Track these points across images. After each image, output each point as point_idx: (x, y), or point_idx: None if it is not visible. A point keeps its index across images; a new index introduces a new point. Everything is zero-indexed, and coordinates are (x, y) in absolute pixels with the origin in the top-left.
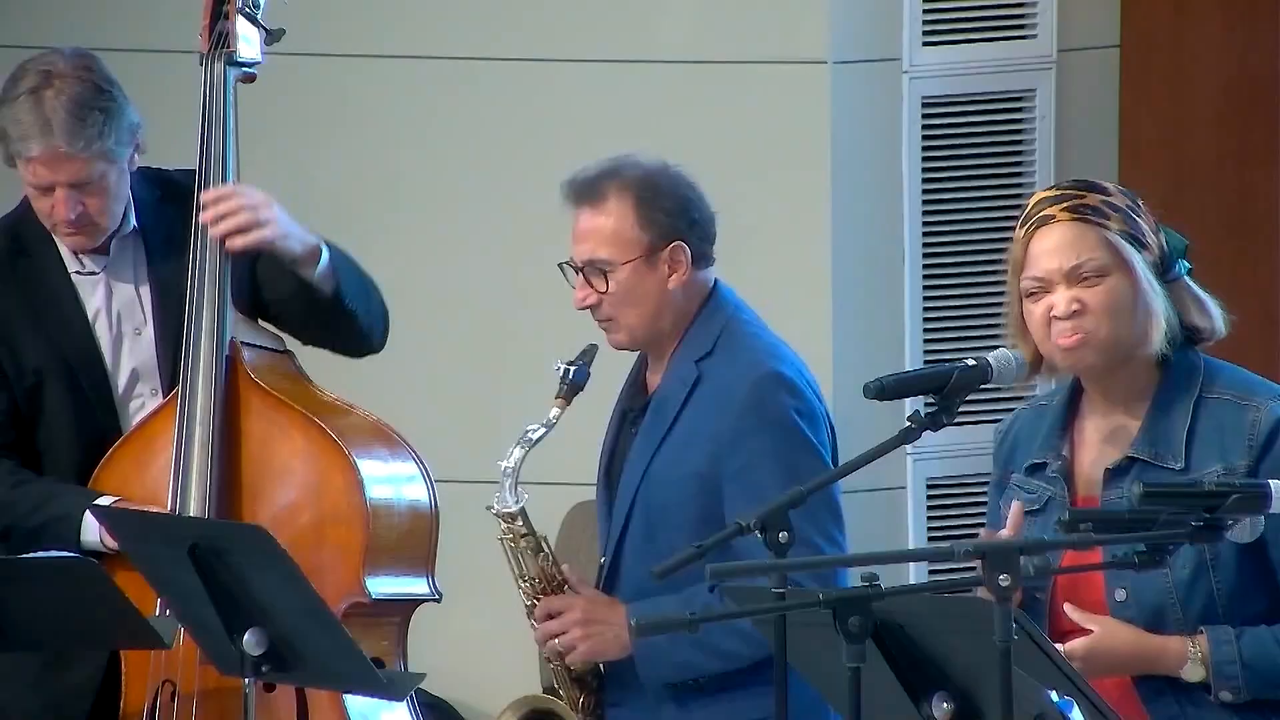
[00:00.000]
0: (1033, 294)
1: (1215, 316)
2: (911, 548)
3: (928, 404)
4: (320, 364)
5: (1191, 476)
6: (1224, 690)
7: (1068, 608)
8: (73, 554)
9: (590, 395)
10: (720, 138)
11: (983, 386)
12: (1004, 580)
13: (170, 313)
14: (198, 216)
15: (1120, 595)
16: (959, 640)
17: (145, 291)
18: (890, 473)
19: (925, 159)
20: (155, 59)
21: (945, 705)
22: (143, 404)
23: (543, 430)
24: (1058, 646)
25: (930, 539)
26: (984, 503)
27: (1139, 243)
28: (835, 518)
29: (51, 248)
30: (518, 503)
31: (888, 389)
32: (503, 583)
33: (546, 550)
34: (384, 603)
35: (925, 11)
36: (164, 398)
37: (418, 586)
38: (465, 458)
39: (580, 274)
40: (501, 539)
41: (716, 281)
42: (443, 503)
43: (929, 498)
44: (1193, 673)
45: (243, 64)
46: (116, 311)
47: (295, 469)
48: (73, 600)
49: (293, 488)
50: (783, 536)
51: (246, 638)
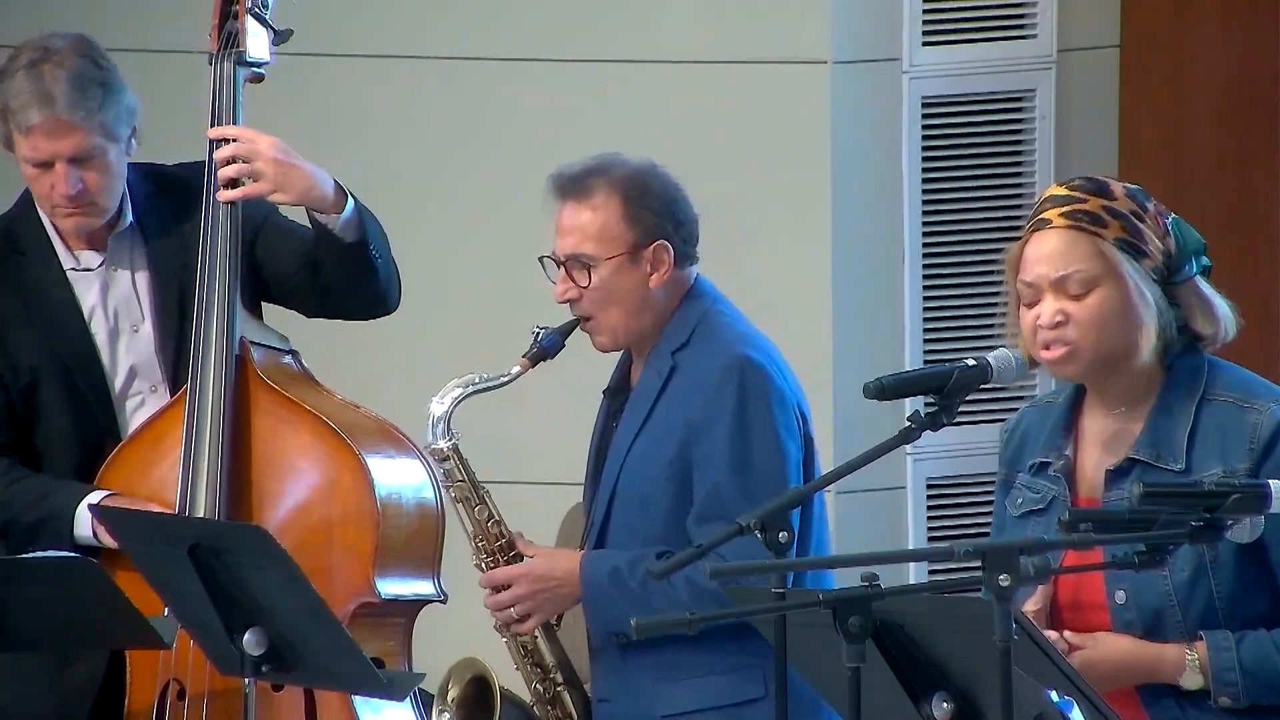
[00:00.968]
0: (1025, 298)
1: (1222, 320)
2: (911, 548)
3: (928, 404)
4: (322, 364)
5: (1192, 478)
6: (1224, 696)
7: (1066, 634)
8: (73, 554)
9: (592, 395)
10: (721, 137)
11: (983, 386)
12: (1004, 580)
13: (170, 308)
14: (206, 217)
15: (1120, 597)
16: (959, 640)
17: (143, 287)
18: (890, 473)
19: (925, 159)
20: (162, 59)
21: (945, 705)
22: (142, 401)
23: (491, 383)
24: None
25: (930, 539)
26: (985, 502)
27: (1137, 250)
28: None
29: (47, 245)
30: (449, 442)
31: (887, 389)
32: None
33: (488, 505)
34: (392, 603)
35: (925, 11)
36: (164, 394)
37: (424, 587)
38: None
39: (562, 268)
40: (445, 487)
41: (698, 277)
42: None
43: (929, 498)
44: (1191, 680)
45: (252, 64)
46: (113, 308)
47: (304, 469)
48: (73, 600)
49: (302, 488)
50: (782, 536)
51: (246, 638)
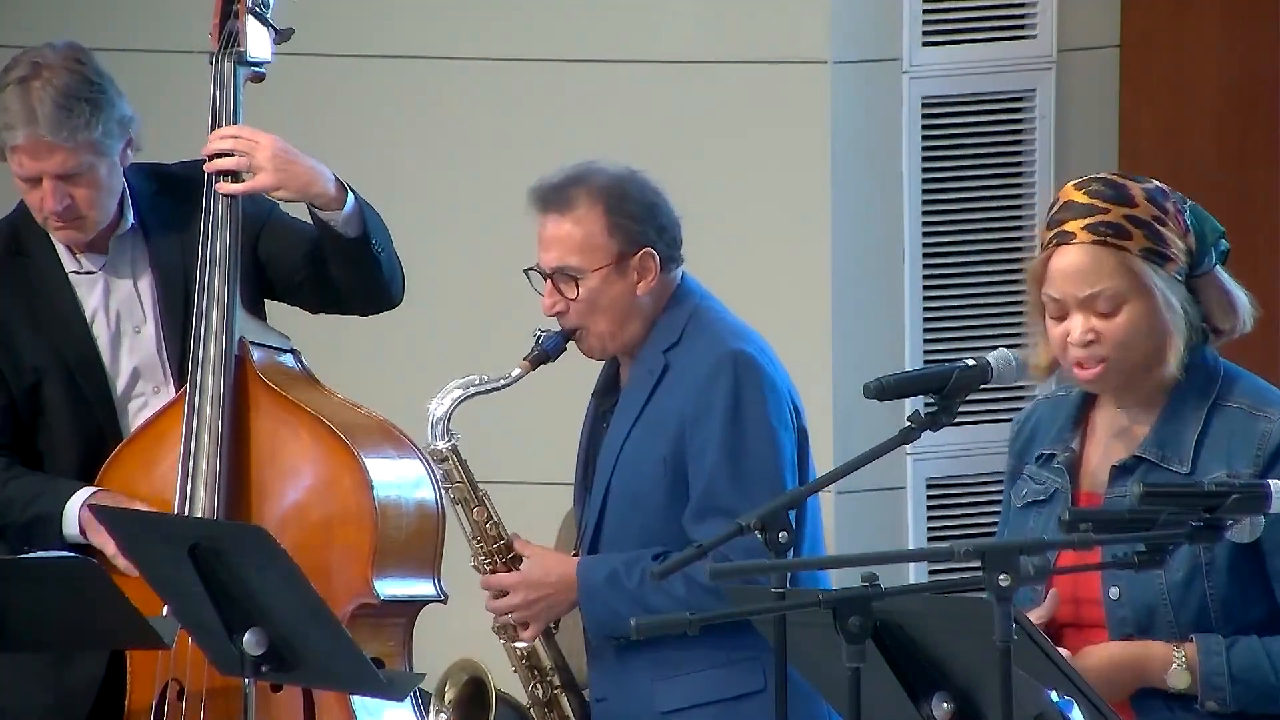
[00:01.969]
0: (1052, 311)
1: (1241, 311)
2: (911, 548)
3: (927, 404)
4: (324, 363)
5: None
6: (1211, 701)
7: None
8: (72, 555)
9: (584, 392)
10: (722, 137)
11: (982, 386)
12: (1004, 580)
13: (173, 307)
14: (205, 218)
15: (1115, 593)
16: (959, 640)
17: (145, 288)
18: (890, 472)
19: (925, 158)
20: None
21: (945, 705)
22: (145, 402)
23: (491, 385)
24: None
25: (930, 539)
26: (984, 502)
27: (1162, 256)
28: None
29: (50, 248)
30: (448, 443)
31: (887, 389)
32: None
33: (486, 506)
34: (391, 604)
35: (925, 12)
36: (167, 395)
37: (424, 587)
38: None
39: (549, 280)
40: (444, 488)
41: (684, 275)
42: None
43: (929, 497)
44: (1178, 679)
45: (252, 63)
46: (115, 310)
47: (303, 469)
48: (73, 601)
49: (301, 488)
50: (782, 536)
51: (246, 638)
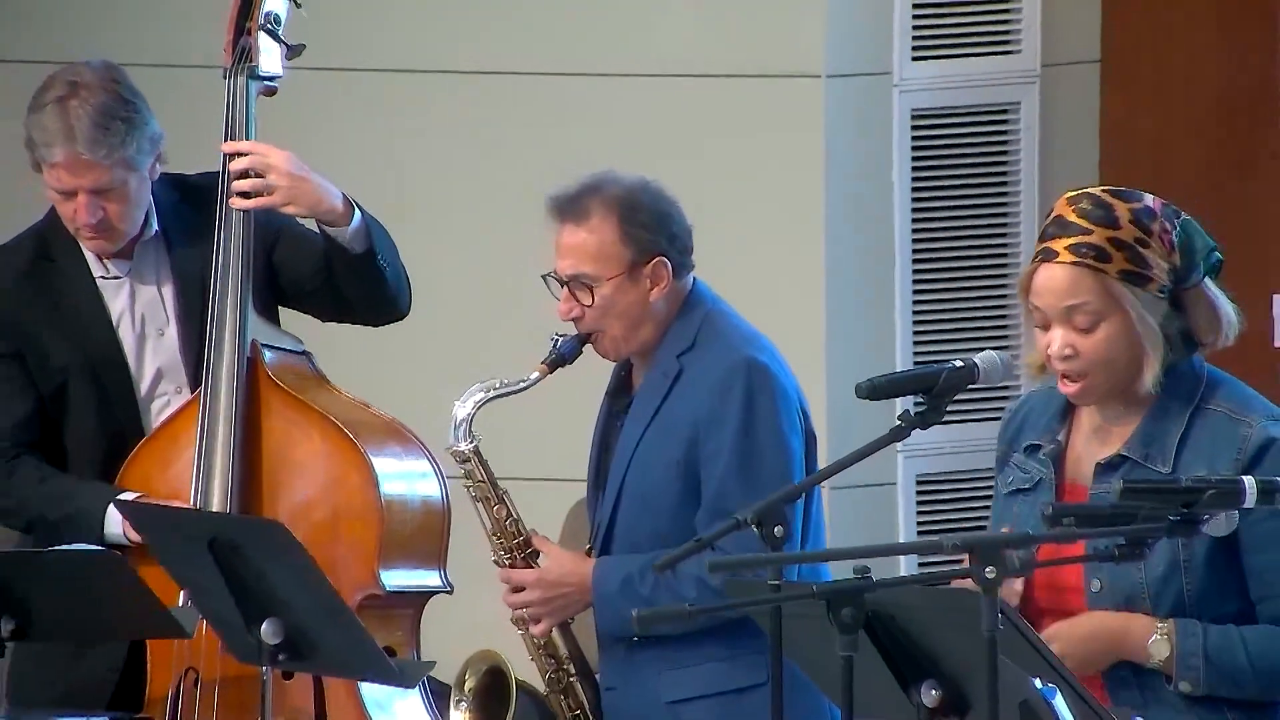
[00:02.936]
0: (1037, 321)
1: (1226, 325)
2: (902, 541)
3: (917, 403)
4: (336, 366)
5: None
6: (1184, 681)
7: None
8: (97, 548)
9: (596, 395)
10: (720, 147)
11: (970, 386)
12: (990, 573)
13: (193, 310)
14: (220, 226)
15: (1096, 586)
16: (947, 630)
17: (168, 292)
18: (881, 469)
19: (915, 168)
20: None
21: (934, 692)
22: (167, 401)
23: (511, 388)
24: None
25: (920, 533)
26: (973, 497)
27: (1141, 278)
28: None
29: (77, 254)
30: (470, 444)
31: (879, 389)
32: None
33: (506, 505)
34: (397, 595)
35: (915, 27)
36: (188, 394)
37: (430, 579)
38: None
39: (565, 287)
40: (465, 486)
41: (695, 281)
42: (454, 498)
43: (919, 493)
44: (1158, 648)
45: (264, 77)
46: (140, 314)
47: (312, 466)
48: (97, 592)
49: (310, 484)
50: (778, 530)
51: (264, 628)
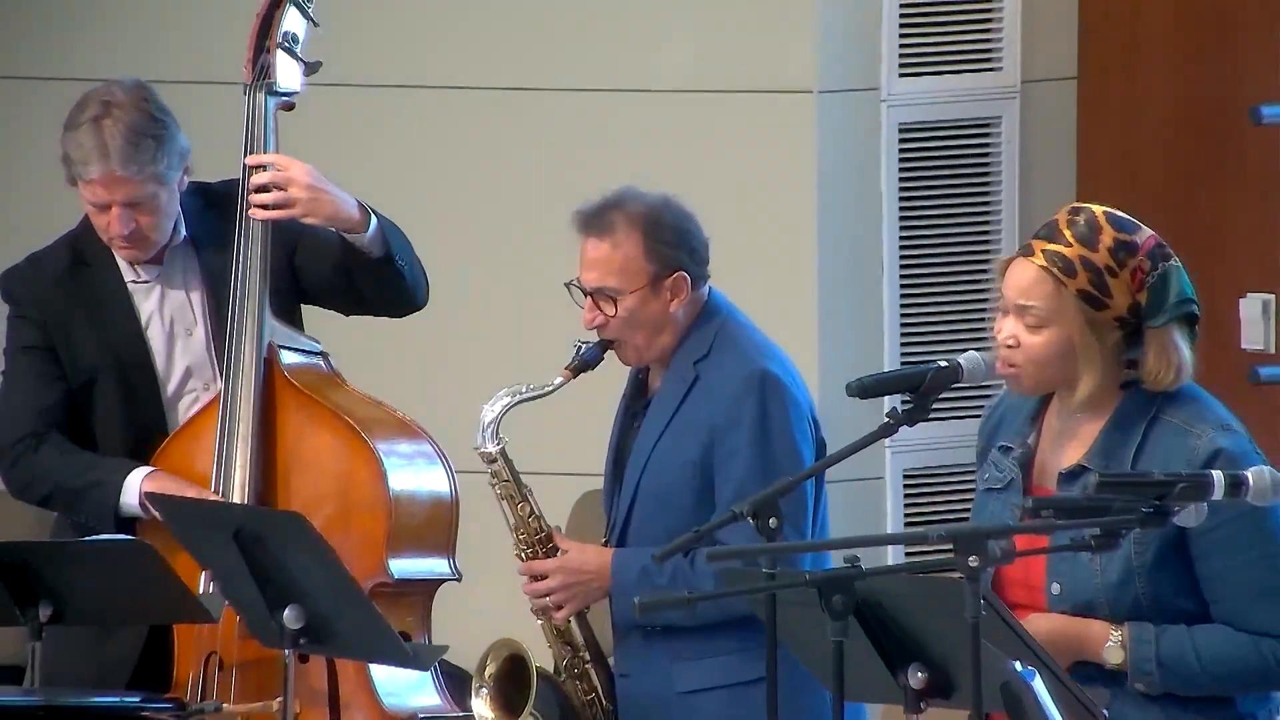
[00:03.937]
0: (1000, 305)
1: (1176, 370)
2: (890, 532)
3: (904, 402)
4: (352, 366)
5: None
6: (1139, 683)
7: None
8: (129, 537)
9: (601, 393)
10: (717, 160)
11: (954, 386)
12: (973, 562)
13: (221, 312)
14: (239, 234)
15: (1056, 589)
16: (933, 616)
17: (196, 295)
18: (871, 464)
19: (902, 179)
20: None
21: (920, 675)
22: (195, 398)
23: (536, 392)
24: None
25: (907, 524)
26: (957, 491)
27: (1099, 302)
28: (802, 508)
29: (110, 260)
30: (497, 445)
31: (868, 388)
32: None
33: (529, 503)
34: (407, 582)
35: (902, 46)
36: (216, 390)
37: (439, 567)
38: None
39: (589, 297)
40: (491, 484)
41: (711, 290)
42: (464, 490)
43: (906, 487)
44: (1112, 655)
45: (282, 93)
46: (169, 315)
47: (326, 461)
48: (128, 579)
49: (323, 478)
50: (772, 522)
51: (285, 613)
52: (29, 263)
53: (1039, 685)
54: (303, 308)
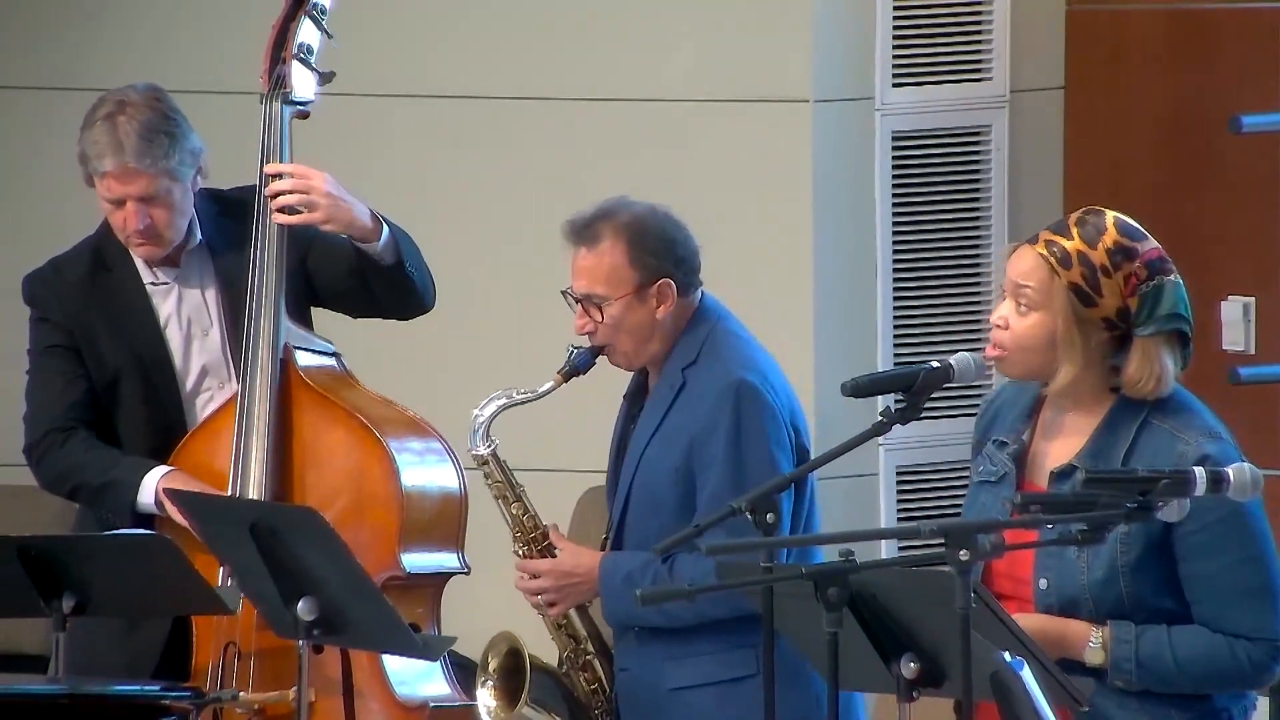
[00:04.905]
0: (1002, 290)
1: (1156, 381)
2: (883, 527)
3: (897, 401)
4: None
5: None
6: (1118, 680)
7: None
8: (150, 533)
9: (601, 393)
10: (715, 167)
11: (945, 385)
12: (964, 555)
13: (236, 313)
14: (256, 239)
15: (1043, 584)
16: (925, 608)
17: (212, 296)
18: (864, 461)
19: (895, 186)
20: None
21: (913, 665)
22: (211, 396)
23: (527, 396)
24: None
25: (900, 520)
26: (948, 487)
27: (1089, 298)
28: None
29: (129, 263)
30: (488, 448)
31: (862, 388)
32: None
33: (523, 502)
34: (417, 575)
35: (895, 56)
36: (231, 389)
37: (448, 561)
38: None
39: (579, 304)
40: (486, 485)
41: (703, 295)
42: (472, 487)
43: (899, 483)
44: (1092, 656)
45: (297, 102)
46: (186, 316)
47: (339, 458)
48: (149, 572)
49: (337, 475)
50: (769, 518)
51: (300, 605)
52: (51, 267)
53: (1027, 675)
54: (312, 310)
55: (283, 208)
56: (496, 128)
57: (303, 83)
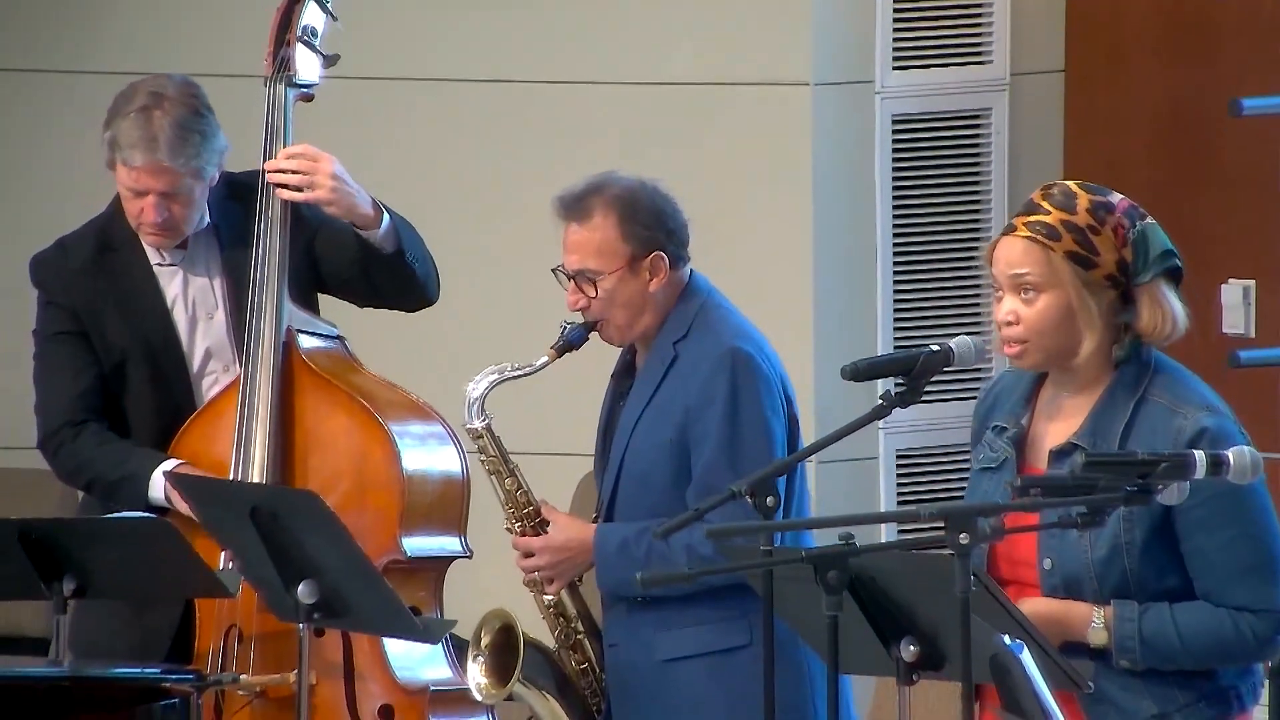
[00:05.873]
0: (996, 290)
1: (1172, 325)
2: (883, 511)
3: (897, 384)
4: (367, 352)
5: None
6: (1123, 660)
7: None
8: (149, 515)
9: (599, 376)
10: (715, 151)
11: (945, 369)
12: (964, 539)
13: (240, 296)
14: (259, 222)
15: (1047, 564)
16: (924, 591)
17: (217, 280)
18: (865, 445)
19: (895, 169)
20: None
21: (912, 648)
22: (215, 379)
23: (521, 370)
24: None
25: (899, 503)
26: (948, 471)
27: (1087, 261)
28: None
29: (136, 244)
30: (482, 422)
31: (862, 371)
32: None
33: (517, 478)
34: (419, 559)
35: (895, 40)
36: (235, 372)
37: (450, 545)
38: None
39: (571, 280)
40: (480, 461)
41: (692, 272)
42: (475, 471)
43: (899, 467)
44: (1095, 637)
45: (301, 85)
46: (192, 298)
47: (341, 442)
48: (149, 555)
49: (339, 458)
50: (769, 501)
51: (300, 589)
52: (57, 248)
53: (1027, 658)
54: (319, 296)
55: (284, 182)
56: (497, 110)
57: (307, 65)
